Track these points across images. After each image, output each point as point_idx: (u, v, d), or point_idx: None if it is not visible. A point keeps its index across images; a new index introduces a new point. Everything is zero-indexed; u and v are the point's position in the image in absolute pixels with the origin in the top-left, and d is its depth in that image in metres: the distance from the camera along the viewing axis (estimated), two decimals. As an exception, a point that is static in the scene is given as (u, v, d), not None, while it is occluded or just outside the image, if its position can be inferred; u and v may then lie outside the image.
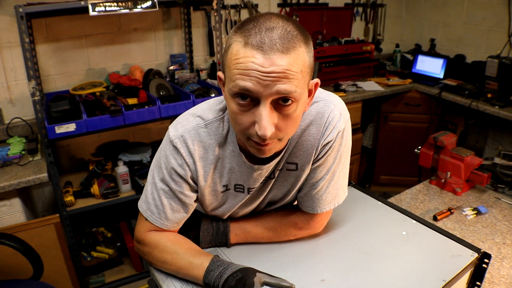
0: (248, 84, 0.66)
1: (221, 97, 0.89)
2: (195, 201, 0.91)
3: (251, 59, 0.65)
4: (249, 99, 0.68)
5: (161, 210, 0.87)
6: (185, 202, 0.88)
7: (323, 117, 0.85)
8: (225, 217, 0.96)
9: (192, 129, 0.84)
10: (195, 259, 0.83)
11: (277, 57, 0.65)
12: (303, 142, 0.87)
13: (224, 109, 0.86)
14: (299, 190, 0.95)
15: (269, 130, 0.68)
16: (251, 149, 0.77)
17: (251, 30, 0.67)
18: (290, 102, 0.69)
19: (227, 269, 0.78)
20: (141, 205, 0.91)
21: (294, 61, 0.66)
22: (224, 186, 0.90)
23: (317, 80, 0.78)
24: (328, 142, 0.86)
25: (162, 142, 0.88)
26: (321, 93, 0.87)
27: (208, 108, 0.87)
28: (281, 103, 0.69)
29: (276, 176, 0.91)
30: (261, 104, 0.68)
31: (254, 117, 0.69)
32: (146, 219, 0.89)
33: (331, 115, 0.85)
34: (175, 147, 0.84)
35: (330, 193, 0.92)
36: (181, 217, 0.90)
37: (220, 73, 0.78)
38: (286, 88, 0.66)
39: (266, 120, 0.68)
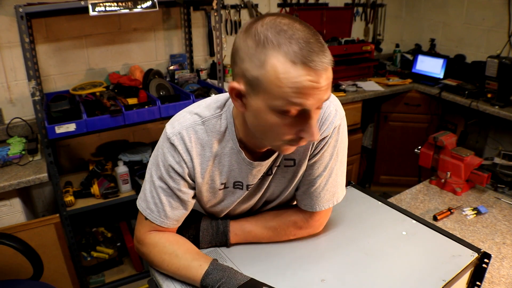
0: (305, 102, 0.67)
1: (219, 96, 0.89)
2: (193, 197, 0.91)
3: (306, 77, 0.65)
4: (296, 112, 0.70)
5: (160, 208, 0.87)
6: (184, 199, 0.88)
7: (319, 113, 0.86)
8: (223, 214, 0.96)
9: (189, 126, 0.85)
10: (194, 261, 0.83)
11: (327, 72, 0.68)
12: None
13: (221, 107, 0.87)
14: (298, 188, 0.96)
15: (317, 134, 0.73)
16: (281, 149, 0.78)
17: (290, 45, 0.65)
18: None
19: (230, 279, 0.77)
20: (140, 204, 0.91)
21: (331, 69, 0.70)
22: (222, 184, 0.90)
23: None
24: (324, 138, 0.87)
25: (159, 140, 0.89)
26: None
27: (205, 106, 0.88)
28: None
29: (274, 172, 0.91)
30: (311, 114, 0.70)
31: (299, 126, 0.72)
32: (146, 218, 0.89)
33: (327, 111, 0.86)
34: (172, 144, 0.84)
35: (329, 190, 0.92)
36: (181, 214, 0.90)
37: (236, 84, 0.72)
38: (328, 95, 0.71)
39: (315, 126, 0.72)
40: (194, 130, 0.85)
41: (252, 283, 0.77)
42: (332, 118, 0.86)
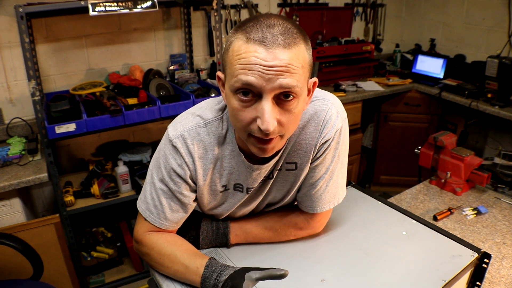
0: (250, 78, 0.66)
1: (220, 97, 0.89)
2: (194, 200, 0.91)
3: (253, 54, 0.66)
4: (251, 95, 0.69)
5: (160, 210, 0.87)
6: (184, 202, 0.88)
7: (321, 116, 0.85)
8: (223, 216, 0.96)
9: (191, 128, 0.84)
10: (191, 264, 0.82)
11: (280, 52, 0.66)
12: (302, 141, 0.87)
13: (223, 109, 0.86)
14: (298, 190, 0.95)
15: (271, 124, 0.69)
16: (253, 149, 0.76)
17: (252, 27, 0.68)
18: (291, 97, 0.70)
19: (221, 276, 0.77)
20: (140, 205, 0.91)
21: (295, 56, 0.67)
22: (223, 186, 0.90)
23: (315, 79, 0.79)
24: (327, 141, 0.86)
25: (161, 142, 0.88)
26: (318, 92, 0.88)
27: (208, 107, 0.87)
28: (282, 98, 0.70)
29: (275, 176, 0.91)
30: (263, 99, 0.68)
31: (256, 113, 0.70)
32: (145, 219, 0.89)
33: (329, 114, 0.85)
34: (174, 147, 0.84)
35: (330, 192, 0.92)
36: (180, 217, 0.90)
37: (219, 73, 0.78)
38: (289, 82, 0.67)
39: (269, 114, 0.68)
40: (196, 133, 0.84)
41: (235, 275, 0.76)
42: (334, 120, 0.86)
